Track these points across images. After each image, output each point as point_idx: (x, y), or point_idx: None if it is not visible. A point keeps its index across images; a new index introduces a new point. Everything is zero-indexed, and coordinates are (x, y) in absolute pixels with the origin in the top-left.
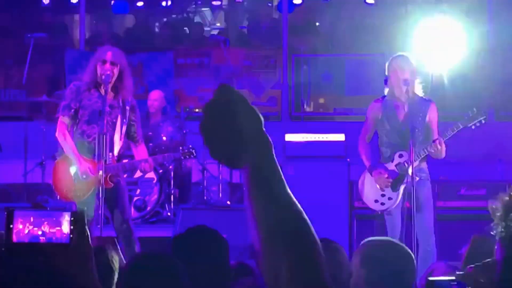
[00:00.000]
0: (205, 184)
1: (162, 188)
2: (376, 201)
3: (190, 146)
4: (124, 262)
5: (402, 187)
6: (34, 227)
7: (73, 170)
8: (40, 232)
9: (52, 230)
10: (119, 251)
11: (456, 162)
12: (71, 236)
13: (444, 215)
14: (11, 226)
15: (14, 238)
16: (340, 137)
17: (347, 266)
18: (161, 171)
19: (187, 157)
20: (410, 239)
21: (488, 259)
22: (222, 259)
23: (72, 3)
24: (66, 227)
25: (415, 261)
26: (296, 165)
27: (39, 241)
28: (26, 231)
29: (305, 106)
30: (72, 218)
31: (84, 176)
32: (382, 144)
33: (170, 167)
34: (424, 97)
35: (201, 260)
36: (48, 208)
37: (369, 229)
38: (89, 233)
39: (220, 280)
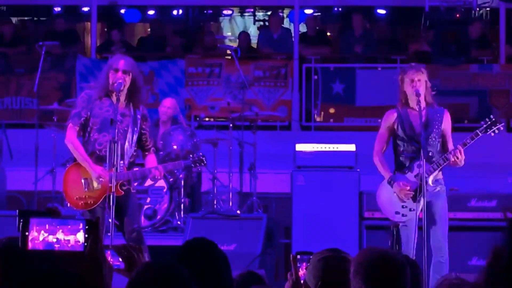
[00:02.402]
0: (215, 193)
1: (172, 197)
2: (397, 212)
3: (201, 154)
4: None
5: (421, 198)
6: (49, 234)
7: (84, 177)
8: (55, 240)
9: (66, 238)
10: (146, 260)
11: (467, 174)
12: (85, 244)
13: (454, 226)
14: (27, 233)
15: (29, 245)
16: (351, 147)
17: None
18: (171, 179)
19: (198, 164)
20: (421, 249)
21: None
22: (223, 273)
23: (84, 11)
24: (80, 235)
25: (407, 270)
26: (306, 175)
27: (54, 248)
28: (41, 239)
29: (315, 116)
30: (86, 227)
31: (101, 179)
32: (400, 154)
33: (181, 176)
34: (437, 106)
35: (203, 274)
36: (63, 216)
37: (379, 240)
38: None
39: None
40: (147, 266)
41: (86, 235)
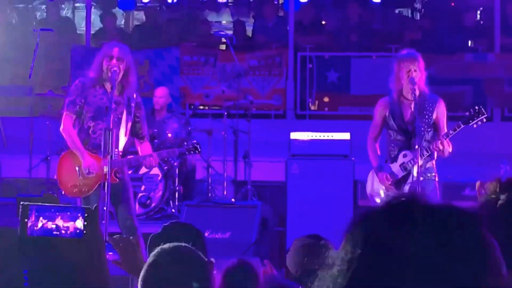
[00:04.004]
0: (209, 181)
1: (167, 184)
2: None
3: (195, 141)
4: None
5: (406, 187)
6: (48, 221)
7: (78, 165)
8: (54, 226)
9: (65, 225)
10: (141, 252)
11: (461, 163)
12: (84, 231)
13: None
14: (26, 220)
15: (28, 232)
16: (345, 135)
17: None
18: (166, 167)
19: (192, 152)
20: None
21: None
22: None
23: None
24: (79, 222)
25: None
26: (301, 164)
27: (53, 235)
28: (40, 225)
29: (310, 105)
30: (85, 214)
31: (87, 171)
32: (390, 143)
33: (175, 163)
34: (431, 94)
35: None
36: (59, 203)
37: None
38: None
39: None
40: (165, 250)
41: (85, 223)
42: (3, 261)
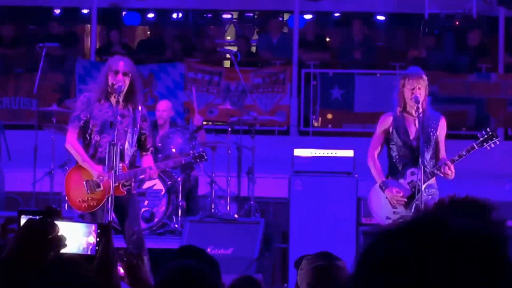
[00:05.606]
0: (212, 197)
1: (170, 200)
2: (388, 218)
3: (201, 149)
4: (150, 274)
5: (414, 205)
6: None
7: (85, 180)
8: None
9: (78, 241)
10: (147, 267)
11: (464, 181)
12: (97, 248)
13: None
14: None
15: None
16: (349, 153)
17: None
18: (169, 182)
19: (198, 160)
20: None
21: None
22: (213, 279)
23: (84, 13)
24: (92, 239)
25: None
26: (304, 180)
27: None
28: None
29: (313, 121)
30: (98, 230)
31: (101, 178)
32: (393, 159)
33: (179, 178)
34: (433, 111)
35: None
36: (63, 217)
37: None
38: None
39: None
40: (176, 267)
41: (98, 239)
42: None
